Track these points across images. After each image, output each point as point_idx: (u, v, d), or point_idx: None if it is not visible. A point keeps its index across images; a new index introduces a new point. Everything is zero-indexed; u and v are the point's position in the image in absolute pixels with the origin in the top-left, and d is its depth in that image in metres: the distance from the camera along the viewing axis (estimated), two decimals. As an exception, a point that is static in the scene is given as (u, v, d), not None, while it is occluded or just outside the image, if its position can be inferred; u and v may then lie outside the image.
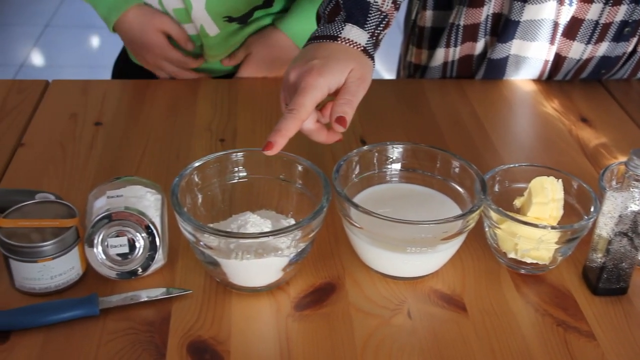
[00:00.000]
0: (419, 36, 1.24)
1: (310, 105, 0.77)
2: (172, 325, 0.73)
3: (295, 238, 0.73)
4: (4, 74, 2.95)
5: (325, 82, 0.78)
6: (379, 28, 0.85)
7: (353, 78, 0.80)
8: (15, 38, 3.30)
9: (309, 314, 0.75)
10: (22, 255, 0.73)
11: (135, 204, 0.75)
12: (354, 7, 0.84)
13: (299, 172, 0.79)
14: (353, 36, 0.83)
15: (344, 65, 0.80)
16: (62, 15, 3.47)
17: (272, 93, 1.13)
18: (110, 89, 1.14)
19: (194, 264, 0.80)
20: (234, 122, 1.06)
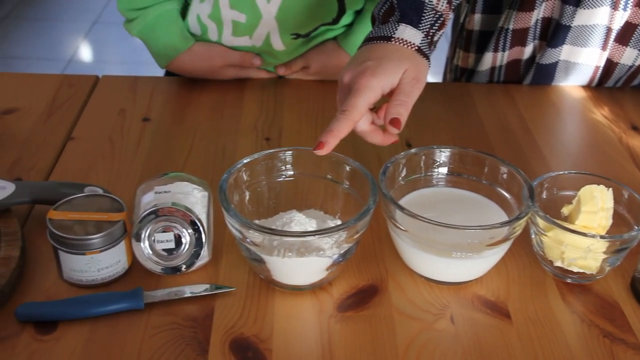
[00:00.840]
0: (466, 39, 1.23)
1: (363, 106, 0.77)
2: (215, 321, 0.73)
3: (340, 239, 0.73)
4: (53, 68, 3.00)
5: (379, 83, 0.78)
6: (433, 28, 0.84)
7: (407, 78, 0.79)
8: (65, 34, 3.36)
9: (351, 315, 0.75)
10: (70, 247, 0.74)
11: (182, 200, 0.75)
12: (408, 7, 0.83)
13: (347, 172, 0.79)
14: (407, 36, 0.82)
15: (397, 66, 0.79)
16: (110, 12, 3.53)
17: (319, 94, 1.13)
18: (159, 85, 1.15)
19: (238, 261, 0.80)
20: (280, 122, 1.06)
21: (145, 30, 1.10)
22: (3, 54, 3.12)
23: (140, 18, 1.09)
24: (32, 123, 1.04)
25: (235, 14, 1.10)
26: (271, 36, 1.11)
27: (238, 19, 1.10)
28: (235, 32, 1.12)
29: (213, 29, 1.12)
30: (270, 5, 1.08)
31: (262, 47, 1.13)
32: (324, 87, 1.15)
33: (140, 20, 1.09)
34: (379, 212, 0.79)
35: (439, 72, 1.43)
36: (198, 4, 1.12)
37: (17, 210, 0.84)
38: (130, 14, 1.09)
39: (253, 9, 1.09)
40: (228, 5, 1.09)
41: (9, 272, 0.75)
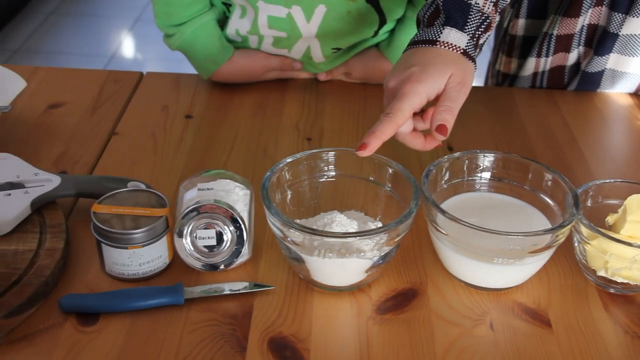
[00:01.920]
0: (509, 45, 1.22)
1: (407, 110, 0.77)
2: (253, 319, 0.74)
3: (380, 241, 0.72)
4: (95, 64, 3.05)
5: (424, 89, 0.77)
6: (479, 30, 0.83)
7: (453, 83, 0.79)
8: (108, 30, 3.40)
9: (390, 318, 0.74)
10: (113, 241, 0.75)
11: (224, 197, 0.76)
12: (453, 9, 0.82)
13: (390, 175, 0.79)
14: (452, 39, 0.81)
15: (443, 71, 0.79)
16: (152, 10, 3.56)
17: (360, 95, 1.13)
18: (202, 83, 1.16)
19: (277, 260, 0.80)
20: (321, 122, 1.06)
21: (184, 46, 1.10)
22: (48, 49, 3.17)
23: (178, 34, 1.09)
24: (78, 117, 1.05)
25: (275, 32, 1.10)
26: (311, 49, 1.11)
27: (278, 35, 1.10)
28: (275, 44, 1.12)
29: (254, 40, 1.12)
30: (310, 25, 1.07)
31: (302, 58, 1.14)
32: (365, 89, 1.15)
33: (178, 36, 1.09)
34: (420, 215, 0.79)
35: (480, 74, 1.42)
36: (237, 19, 1.11)
37: (62, 202, 0.86)
38: (168, 30, 1.10)
39: (293, 29, 1.08)
40: (267, 25, 1.08)
41: (54, 263, 0.76)
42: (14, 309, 0.71)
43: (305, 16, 1.06)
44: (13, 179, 0.84)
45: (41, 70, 1.16)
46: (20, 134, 1.00)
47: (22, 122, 1.03)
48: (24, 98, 1.04)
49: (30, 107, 1.06)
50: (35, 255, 0.77)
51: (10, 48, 3.13)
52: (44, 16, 3.42)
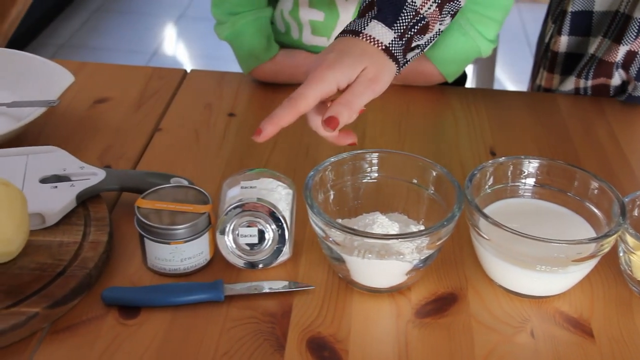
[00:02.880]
0: (551, 61, 1.20)
1: (311, 96, 0.74)
2: (292, 318, 0.74)
3: (421, 245, 0.72)
4: (138, 60, 3.08)
5: (334, 76, 0.75)
6: (411, 30, 0.79)
7: (363, 78, 0.76)
8: (150, 27, 3.44)
9: (429, 322, 0.74)
10: (156, 236, 0.76)
11: (266, 196, 0.76)
12: (386, 4, 0.79)
13: (433, 178, 0.79)
14: (376, 33, 0.78)
15: (356, 61, 0.75)
16: (195, 8, 3.60)
17: (403, 97, 1.13)
18: (245, 81, 1.16)
19: (317, 260, 0.81)
20: (363, 123, 1.06)
21: (232, 36, 1.11)
22: (92, 45, 3.22)
23: (230, 23, 1.10)
24: (122, 113, 1.06)
25: (314, 12, 1.10)
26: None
27: (316, 17, 1.11)
28: (314, 32, 1.12)
29: (294, 28, 1.13)
30: (348, 4, 1.08)
31: None
32: (407, 91, 1.14)
33: (230, 25, 1.10)
34: (462, 219, 0.78)
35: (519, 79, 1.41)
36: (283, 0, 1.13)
37: (106, 196, 0.87)
38: (221, 17, 1.11)
39: (330, 7, 1.09)
40: (307, 3, 1.10)
41: (97, 256, 0.77)
42: (59, 299, 0.72)
43: None
44: (60, 171, 0.86)
45: (88, 65, 1.18)
46: (67, 128, 1.02)
47: (69, 116, 1.04)
48: (71, 92, 1.06)
49: (77, 102, 1.08)
50: (79, 248, 0.78)
51: (56, 43, 3.18)
52: (90, 12, 3.48)
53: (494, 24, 1.09)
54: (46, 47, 3.11)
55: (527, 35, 3.21)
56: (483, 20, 1.08)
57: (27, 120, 0.93)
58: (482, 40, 1.09)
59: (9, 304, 0.71)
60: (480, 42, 1.09)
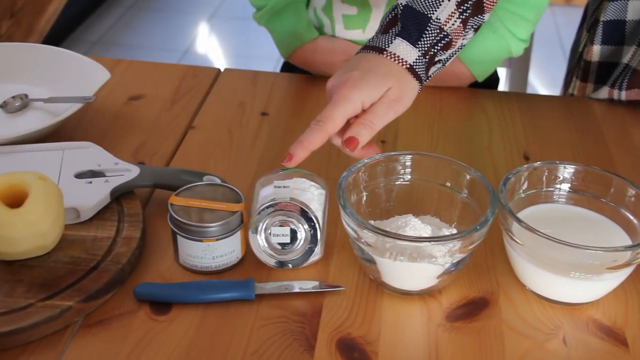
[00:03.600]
0: (584, 70, 1.18)
1: (338, 118, 0.75)
2: (323, 319, 0.74)
3: (453, 248, 0.72)
4: (169, 58, 3.11)
5: (359, 95, 0.75)
6: (435, 47, 0.79)
7: (387, 98, 0.76)
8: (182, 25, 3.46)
9: (460, 326, 0.74)
10: (189, 233, 0.76)
11: (299, 196, 0.76)
12: (410, 20, 0.78)
13: (467, 181, 0.78)
14: (401, 52, 0.78)
15: (381, 82, 0.76)
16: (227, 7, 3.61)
17: (436, 99, 1.12)
18: (278, 81, 1.17)
19: (348, 261, 0.80)
20: (396, 125, 1.06)
21: (273, 18, 1.12)
22: (125, 42, 3.25)
23: (269, 7, 1.11)
24: (157, 110, 1.07)
25: (346, 7, 1.10)
26: None
27: (349, 12, 1.11)
28: (347, 26, 1.12)
29: (327, 24, 1.14)
30: None
31: None
32: (440, 93, 1.14)
33: (269, 9, 1.11)
34: (494, 223, 0.78)
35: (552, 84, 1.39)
36: None
37: (139, 192, 0.88)
38: (260, 4, 1.12)
39: (363, 2, 1.09)
40: None
41: (130, 251, 0.78)
42: (92, 293, 0.73)
43: None
44: (94, 167, 0.87)
45: (123, 62, 1.19)
46: (102, 124, 1.03)
47: (104, 113, 1.05)
48: (107, 89, 1.07)
49: (112, 98, 1.09)
50: (113, 243, 0.79)
51: (89, 40, 3.22)
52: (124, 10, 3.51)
53: (526, 23, 1.08)
54: (80, 44, 3.15)
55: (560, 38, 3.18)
56: (515, 19, 1.07)
57: (64, 115, 0.94)
58: (512, 39, 1.08)
59: (44, 296, 0.72)
60: (510, 41, 1.08)
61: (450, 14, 0.79)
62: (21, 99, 1.02)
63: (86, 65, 1.04)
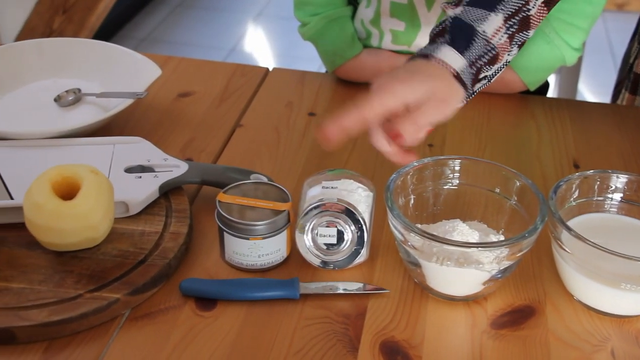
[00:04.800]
0: (633, 82, 1.15)
1: (377, 105, 0.72)
2: (367, 321, 0.74)
3: (501, 255, 0.71)
4: (215, 56, 3.13)
5: (403, 90, 0.72)
6: (481, 59, 0.78)
7: (434, 98, 0.73)
8: (229, 24, 3.49)
9: (505, 333, 0.73)
10: (236, 231, 0.76)
11: (346, 197, 0.76)
12: (458, 32, 0.78)
13: (517, 188, 0.77)
14: (447, 58, 0.76)
15: (427, 80, 0.74)
16: (274, 6, 3.63)
17: (484, 105, 1.11)
18: (326, 81, 1.17)
19: (393, 264, 0.80)
20: (444, 129, 1.05)
21: (316, 36, 1.12)
22: (172, 39, 3.28)
23: (313, 24, 1.11)
24: (205, 107, 1.08)
25: (395, 22, 1.10)
26: None
27: (397, 27, 1.10)
28: (394, 41, 1.12)
29: (375, 35, 1.13)
30: (430, 15, 1.07)
31: None
32: (490, 99, 1.12)
33: (312, 25, 1.11)
34: (543, 231, 0.77)
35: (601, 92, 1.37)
36: (363, 9, 1.13)
37: (186, 188, 0.88)
38: (305, 19, 1.12)
39: (412, 18, 1.08)
40: (388, 12, 1.09)
41: (177, 247, 0.79)
42: (139, 287, 0.74)
43: (427, 4, 1.06)
44: (144, 162, 0.88)
45: (174, 59, 1.20)
46: (152, 120, 1.04)
47: (154, 109, 1.07)
48: (157, 85, 1.08)
49: (162, 95, 1.10)
50: (160, 238, 0.80)
51: (137, 36, 3.26)
52: (171, 7, 3.55)
53: (580, 32, 1.07)
54: (128, 40, 3.19)
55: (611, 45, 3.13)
56: (569, 29, 1.06)
57: (115, 110, 0.96)
58: (567, 49, 1.07)
59: (92, 288, 0.73)
60: (565, 50, 1.07)
61: (497, 28, 0.79)
62: (74, 93, 1.04)
63: (138, 62, 1.05)
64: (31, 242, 0.77)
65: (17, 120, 1.00)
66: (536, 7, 0.80)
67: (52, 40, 1.11)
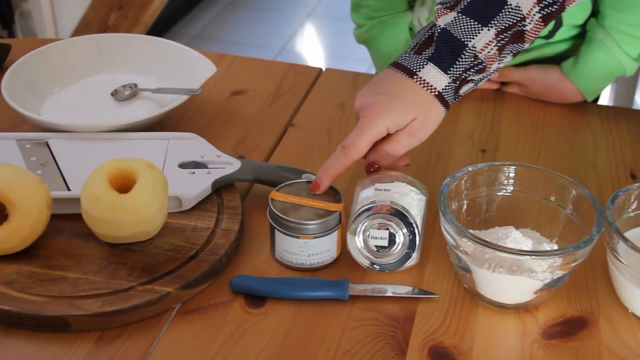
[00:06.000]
0: None
1: (364, 145, 0.78)
2: (415, 325, 0.73)
3: (554, 264, 0.70)
4: (264, 55, 3.15)
5: (384, 122, 0.78)
6: (467, 72, 0.79)
7: (410, 128, 0.79)
8: (279, 23, 3.50)
9: (557, 344, 0.72)
10: (287, 229, 0.77)
11: (399, 200, 0.76)
12: (445, 46, 0.79)
13: (573, 197, 0.76)
14: (431, 78, 0.78)
15: (408, 110, 0.78)
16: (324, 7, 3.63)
17: (539, 112, 1.10)
18: (378, 84, 1.16)
19: (443, 268, 0.80)
20: (497, 134, 1.04)
21: (369, 40, 1.12)
22: (223, 38, 3.31)
23: (368, 27, 1.12)
24: (258, 105, 1.09)
25: None
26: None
27: None
28: None
29: None
30: None
31: None
32: (545, 107, 1.11)
33: (367, 29, 1.12)
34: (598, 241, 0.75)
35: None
36: (419, 7, 1.13)
37: (238, 186, 0.89)
38: (360, 22, 1.13)
39: None
40: None
41: (229, 243, 0.79)
42: (190, 282, 0.74)
43: None
44: (198, 158, 0.89)
45: (228, 57, 1.21)
46: (205, 117, 1.05)
47: (208, 105, 1.08)
48: (211, 82, 1.09)
49: (216, 92, 1.11)
50: (212, 234, 0.81)
51: (189, 34, 3.30)
52: (223, 6, 3.58)
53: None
54: (180, 38, 3.23)
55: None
56: (630, 41, 1.04)
57: (170, 106, 0.97)
58: (627, 60, 1.05)
59: (144, 281, 0.74)
60: (625, 61, 1.05)
61: (487, 42, 0.79)
62: (130, 88, 1.06)
63: (193, 58, 1.06)
64: (86, 233, 0.79)
65: (75, 114, 1.01)
66: (533, 22, 0.80)
67: (110, 35, 1.13)
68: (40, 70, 1.05)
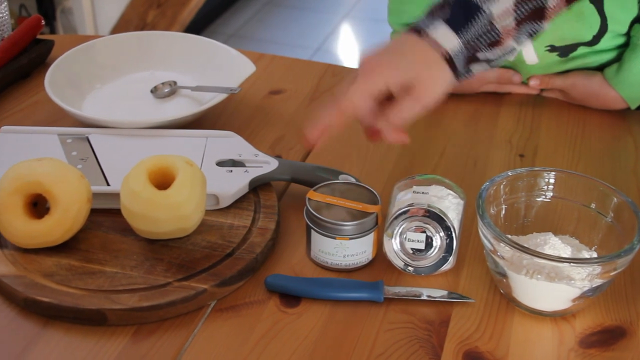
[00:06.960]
0: None
1: (356, 96, 0.74)
2: (450, 329, 0.73)
3: (594, 272, 0.69)
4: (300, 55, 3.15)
5: (383, 78, 0.73)
6: (480, 40, 0.73)
7: (414, 91, 0.74)
8: (316, 23, 3.51)
9: (594, 353, 0.71)
10: (323, 229, 0.77)
11: (436, 203, 0.76)
12: (458, 6, 0.73)
13: (614, 205, 0.75)
14: (439, 36, 0.73)
15: (410, 69, 0.73)
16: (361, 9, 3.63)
17: (579, 117, 1.08)
18: (419, 86, 1.16)
19: (480, 273, 0.79)
20: (536, 140, 1.03)
21: None
22: (260, 37, 3.33)
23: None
24: (296, 105, 1.09)
25: None
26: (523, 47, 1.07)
27: None
28: None
29: None
30: None
31: (514, 60, 1.10)
32: (585, 112, 1.09)
33: None
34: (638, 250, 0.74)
35: None
36: None
37: (275, 185, 0.89)
38: (398, 27, 1.12)
39: None
40: None
41: (264, 242, 0.79)
42: (226, 279, 0.75)
43: None
44: (235, 157, 0.89)
45: (266, 57, 1.21)
46: (243, 115, 1.06)
47: (246, 104, 1.08)
48: (249, 81, 1.10)
49: (254, 91, 1.12)
50: (248, 232, 0.81)
51: (226, 32, 3.32)
52: (260, 5, 3.60)
53: None
54: (217, 36, 3.25)
55: None
56: None
57: (209, 104, 0.97)
58: None
59: (181, 277, 0.75)
60: None
61: (505, 10, 0.74)
62: (170, 86, 1.07)
63: (232, 57, 1.07)
64: (125, 228, 0.79)
65: (115, 110, 1.03)
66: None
67: (150, 33, 1.14)
68: (83, 66, 1.07)
